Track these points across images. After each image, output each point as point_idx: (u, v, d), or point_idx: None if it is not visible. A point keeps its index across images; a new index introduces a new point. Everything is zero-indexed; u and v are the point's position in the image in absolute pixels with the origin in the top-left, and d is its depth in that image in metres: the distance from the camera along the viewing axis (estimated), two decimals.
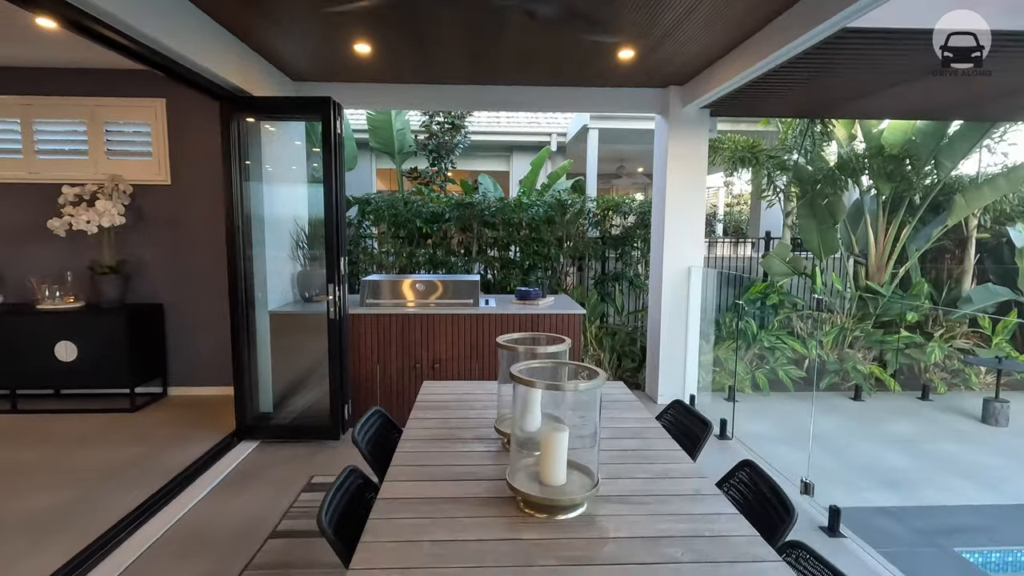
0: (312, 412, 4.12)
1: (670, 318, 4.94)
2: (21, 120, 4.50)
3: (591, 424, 1.65)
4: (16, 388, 4.32)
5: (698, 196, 4.81)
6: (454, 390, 2.71)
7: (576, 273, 6.69)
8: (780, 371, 5.44)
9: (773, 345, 5.54)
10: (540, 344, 2.04)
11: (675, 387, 4.99)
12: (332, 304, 3.73)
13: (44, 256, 4.54)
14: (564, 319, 4.22)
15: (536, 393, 1.76)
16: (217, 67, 3.30)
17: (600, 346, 5.69)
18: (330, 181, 3.65)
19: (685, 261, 4.87)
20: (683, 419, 2.56)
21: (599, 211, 6.23)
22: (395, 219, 5.97)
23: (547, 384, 1.53)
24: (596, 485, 1.58)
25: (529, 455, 1.72)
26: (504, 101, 4.73)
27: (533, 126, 8.40)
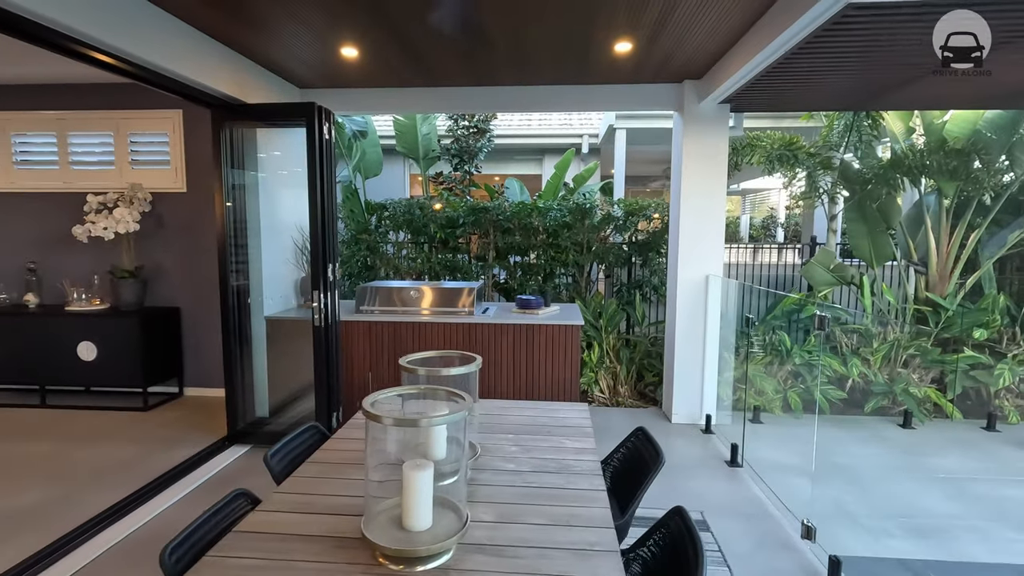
0: (306, 419, 4.11)
1: (686, 331, 4.58)
2: (57, 133, 4.82)
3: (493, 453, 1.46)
4: (45, 384, 4.61)
5: (717, 199, 4.43)
6: None
7: (603, 280, 6.41)
8: (816, 391, 4.92)
9: (809, 362, 5.02)
10: (453, 364, 1.87)
11: (691, 406, 4.62)
12: (318, 311, 3.70)
13: (75, 261, 4.83)
14: (559, 331, 3.98)
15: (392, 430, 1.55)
16: (208, 79, 3.40)
17: (617, 359, 5.38)
18: (315, 187, 3.62)
19: (702, 269, 4.50)
20: (642, 449, 2.29)
21: (624, 215, 5.92)
22: (411, 225, 5.94)
23: (395, 420, 1.35)
24: (462, 530, 1.38)
25: (391, 496, 1.52)
26: (508, 102, 4.55)
27: (565, 127, 8.16)
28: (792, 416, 4.86)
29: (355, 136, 6.34)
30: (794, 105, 4.47)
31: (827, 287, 5.58)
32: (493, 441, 2.11)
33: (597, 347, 5.35)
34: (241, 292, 3.97)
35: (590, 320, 5.44)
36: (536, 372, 4.02)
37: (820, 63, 3.33)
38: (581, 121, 8.25)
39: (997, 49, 2.75)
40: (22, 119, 4.83)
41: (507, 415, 2.40)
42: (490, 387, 4.06)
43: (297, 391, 4.34)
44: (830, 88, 3.95)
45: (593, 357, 5.29)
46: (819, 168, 5.51)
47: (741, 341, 5.27)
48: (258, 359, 4.18)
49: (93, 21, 2.57)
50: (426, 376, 1.76)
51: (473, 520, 1.51)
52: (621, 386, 5.27)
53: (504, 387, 4.05)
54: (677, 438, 4.30)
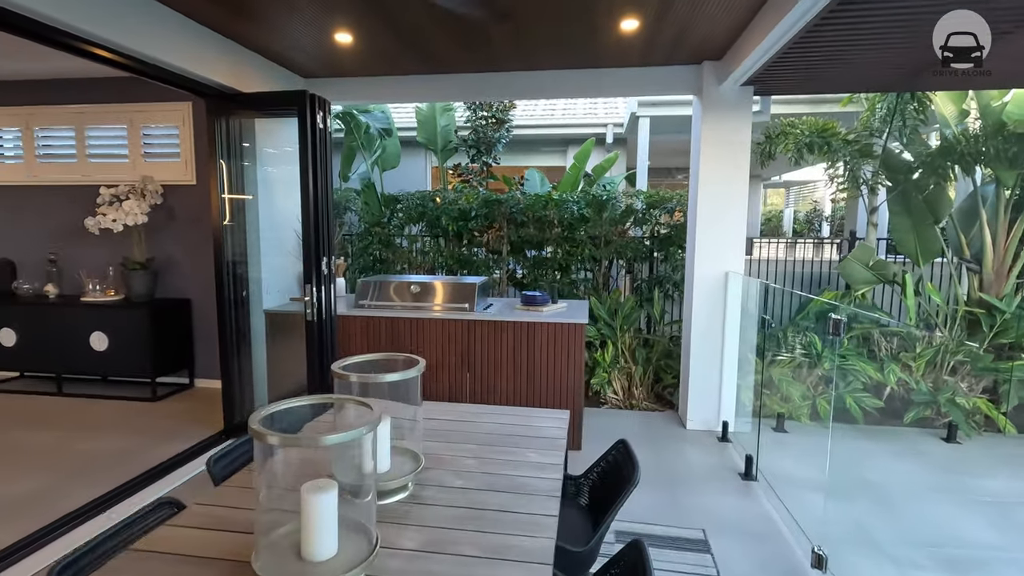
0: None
1: (703, 331, 4.28)
2: (76, 127, 4.91)
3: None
4: (61, 373, 4.72)
5: (738, 189, 4.10)
6: None
7: (625, 276, 6.13)
8: (849, 398, 4.53)
9: (842, 366, 4.63)
10: (396, 368, 1.70)
11: (708, 411, 4.32)
12: (310, 305, 3.61)
13: (93, 252, 4.92)
14: (562, 329, 3.77)
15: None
16: (205, 70, 3.39)
17: (633, 359, 5.11)
18: (308, 178, 3.52)
19: (721, 265, 4.18)
20: (622, 465, 2.07)
21: (644, 208, 5.62)
22: (423, 217, 5.82)
23: (282, 439, 1.19)
24: (369, 558, 1.21)
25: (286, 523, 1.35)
26: (513, 89, 4.34)
27: (589, 117, 7.86)
28: (820, 425, 4.49)
29: (380, 135, 6.25)
30: (827, 86, 4.08)
31: (865, 286, 5.14)
32: (452, 452, 1.93)
33: (612, 346, 5.10)
34: (240, 285, 3.93)
35: (605, 318, 5.19)
36: (537, 373, 3.82)
37: (855, 34, 2.98)
38: (607, 110, 7.92)
39: None
40: (45, 113, 4.95)
41: (478, 422, 2.22)
42: (488, 389, 3.89)
43: (297, 385, 4.28)
44: (868, 64, 3.56)
45: (607, 357, 5.04)
46: (858, 156, 5.06)
47: (768, 342, 4.92)
48: (257, 352, 4.14)
49: (88, 17, 2.62)
50: (359, 384, 1.60)
51: (394, 548, 1.35)
52: (636, 388, 5.00)
53: (503, 390, 3.87)
54: (690, 446, 4.02)
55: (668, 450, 3.91)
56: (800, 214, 15.18)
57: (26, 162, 5.01)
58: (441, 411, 2.31)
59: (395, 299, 4.08)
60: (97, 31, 2.67)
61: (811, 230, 13.37)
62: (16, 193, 5.07)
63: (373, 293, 4.13)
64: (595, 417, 4.57)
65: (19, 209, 5.07)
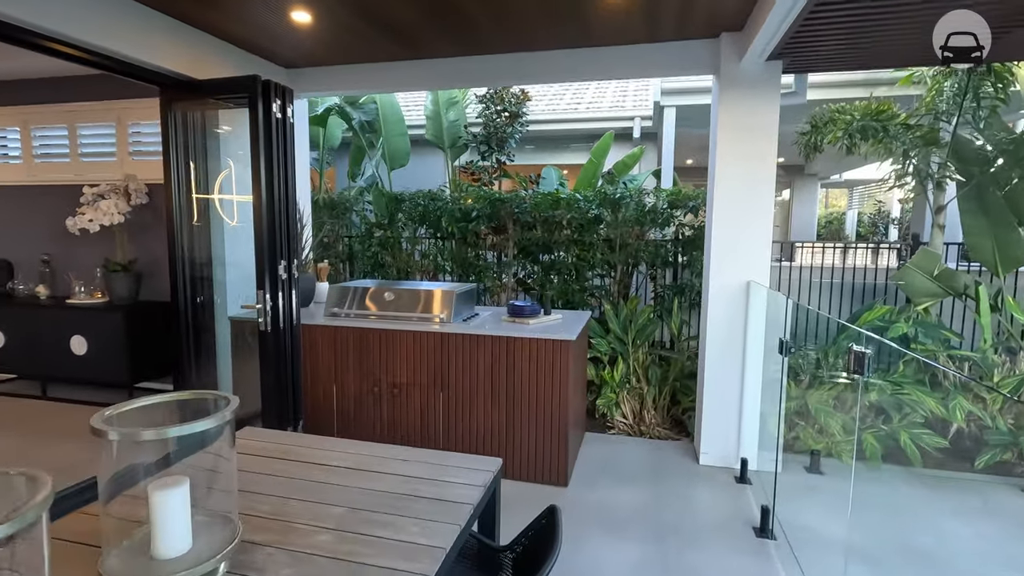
0: None
1: (721, 350, 3.66)
2: (68, 126, 4.82)
3: None
4: (46, 376, 4.62)
5: (763, 185, 3.46)
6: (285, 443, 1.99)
7: (646, 282, 5.52)
8: (904, 435, 3.76)
9: (896, 395, 3.86)
10: (205, 410, 1.26)
11: (726, 444, 3.69)
12: (263, 314, 3.27)
13: (85, 253, 4.82)
14: (545, 346, 3.25)
15: None
16: (160, 59, 3.15)
17: (647, 378, 4.51)
18: (259, 172, 3.17)
19: (742, 274, 3.55)
20: (546, 537, 1.56)
21: (666, 208, 5.01)
22: (424, 217, 5.43)
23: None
24: None
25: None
26: (504, 73, 3.86)
27: (616, 109, 7.24)
28: (866, 466, 3.75)
29: (361, 127, 5.92)
30: (878, 56, 3.36)
31: (929, 299, 4.33)
32: (308, 519, 1.47)
33: (622, 363, 4.52)
34: (201, 288, 3.64)
35: (616, 331, 4.62)
36: (516, 395, 3.33)
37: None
38: (635, 101, 7.28)
39: None
40: (41, 112, 4.89)
41: (372, 472, 1.75)
42: (463, 412, 3.43)
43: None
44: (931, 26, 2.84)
45: (616, 375, 4.47)
46: (920, 145, 4.25)
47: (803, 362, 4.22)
48: (222, 363, 3.84)
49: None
50: (120, 439, 1.17)
51: None
52: (648, 411, 4.40)
53: (478, 413, 3.40)
54: (700, 487, 3.41)
55: (672, 491, 3.32)
56: (865, 216, 13.84)
57: (24, 162, 4.97)
58: (336, 454, 1.87)
59: (369, 307, 3.69)
60: (38, 21, 2.48)
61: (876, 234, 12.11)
62: (16, 193, 5.04)
63: (347, 300, 3.76)
64: (597, 445, 4.01)
65: (19, 209, 5.04)
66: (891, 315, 4.17)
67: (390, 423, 3.57)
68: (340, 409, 3.65)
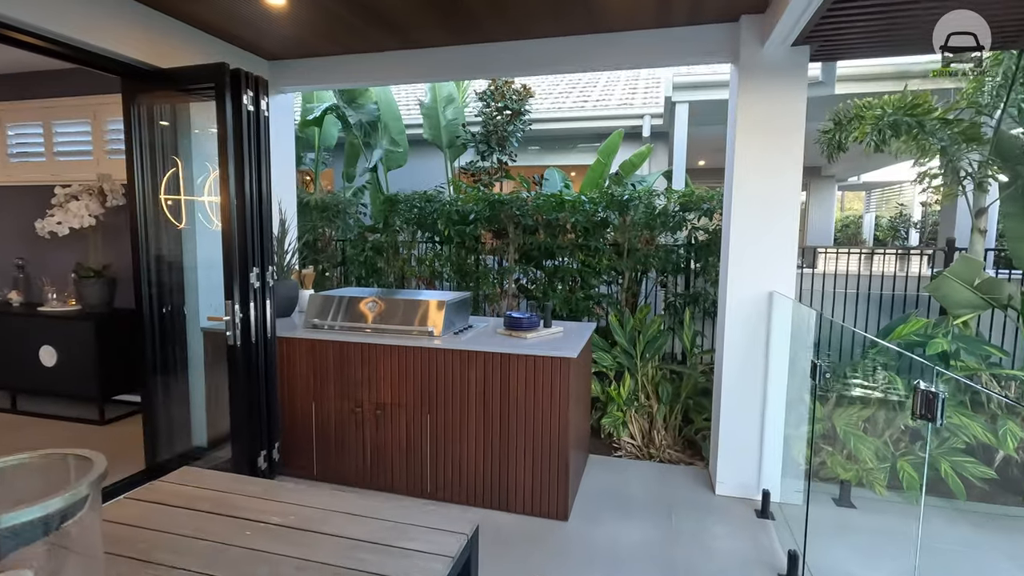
0: None
1: (739, 366, 3.30)
2: (43, 123, 4.57)
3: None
4: (15, 389, 4.35)
5: (788, 186, 3.11)
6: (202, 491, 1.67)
7: (656, 290, 5.17)
8: (944, 464, 3.38)
9: None
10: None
11: (745, 471, 3.33)
12: (232, 326, 2.96)
13: (60, 257, 4.55)
14: (542, 364, 2.92)
15: None
16: (122, 46, 2.87)
17: (657, 395, 4.16)
18: (227, 170, 2.87)
19: (763, 284, 3.20)
20: None
21: (677, 210, 4.66)
22: (419, 220, 5.12)
23: None
24: None
25: None
26: (501, 64, 3.53)
27: (625, 107, 6.89)
28: (902, 497, 3.37)
29: (358, 126, 5.62)
30: (918, 41, 2.99)
31: (969, 311, 3.94)
32: None
33: (630, 379, 4.18)
34: (170, 298, 3.35)
35: (623, 344, 4.27)
36: (512, 418, 2.99)
37: None
38: (645, 98, 6.92)
39: None
40: (14, 109, 4.64)
41: (318, 535, 1.43)
42: (453, 437, 3.10)
43: None
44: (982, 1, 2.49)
45: (623, 392, 4.12)
46: (960, 141, 3.87)
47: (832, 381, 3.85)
48: (195, 378, 3.55)
49: None
50: None
51: None
52: (658, 432, 4.05)
53: (470, 438, 3.07)
54: (716, 522, 3.05)
55: (684, 527, 2.97)
56: (883, 220, 13.36)
57: (0, 161, 4.72)
58: (277, 506, 1.54)
59: (352, 319, 3.37)
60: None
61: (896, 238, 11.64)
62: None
63: (328, 310, 3.44)
64: (601, 469, 3.67)
65: None
66: (927, 329, 3.79)
67: (374, 448, 3.25)
68: (320, 433, 3.33)
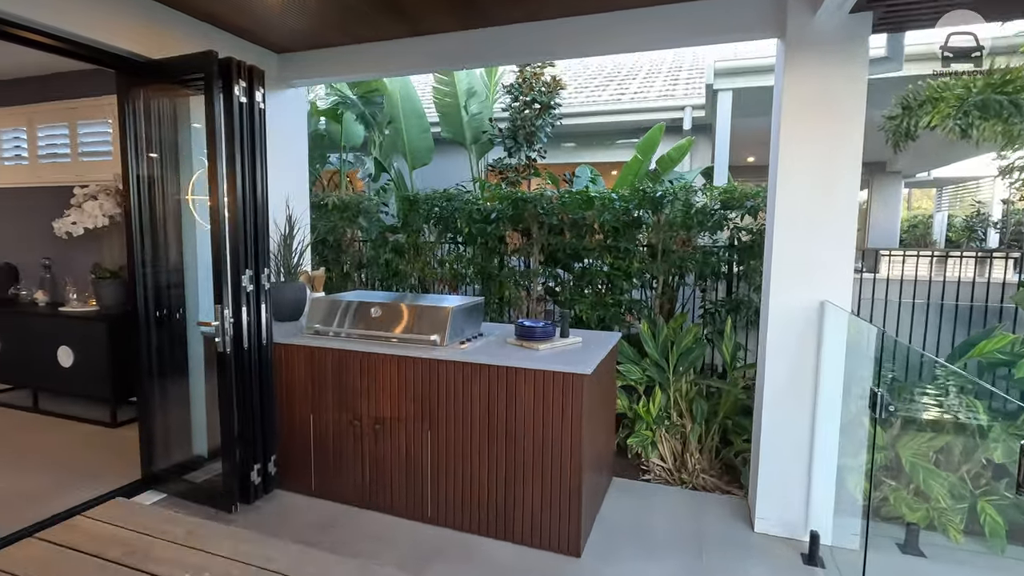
0: None
1: (783, 385, 2.88)
2: (68, 124, 4.59)
3: None
4: (37, 388, 4.38)
5: (844, 177, 2.67)
6: None
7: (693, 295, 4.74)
8: None
9: None
10: None
11: (790, 506, 2.90)
12: (221, 332, 2.78)
13: (80, 257, 4.56)
14: (552, 380, 2.59)
15: None
16: (117, 39, 2.75)
17: (691, 413, 3.76)
18: (217, 167, 2.69)
19: (814, 292, 2.76)
20: None
21: (717, 208, 4.22)
22: (440, 220, 4.88)
23: None
24: None
25: None
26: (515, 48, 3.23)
27: (666, 99, 6.41)
28: (984, 546, 2.85)
29: (363, 119, 5.41)
30: (1007, 5, 2.50)
31: None
32: None
33: (661, 394, 3.79)
34: (166, 300, 3.22)
35: (654, 355, 3.88)
36: (518, 438, 2.68)
37: None
38: (687, 89, 6.43)
39: None
40: (43, 111, 4.69)
41: None
42: (454, 456, 2.82)
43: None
44: None
45: (653, 408, 3.74)
46: None
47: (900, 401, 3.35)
48: (195, 383, 3.41)
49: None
50: None
51: None
52: (692, 454, 3.64)
53: (472, 458, 2.78)
54: (753, 566, 2.64)
55: (713, 570, 2.58)
56: (956, 219, 12.21)
57: (30, 163, 4.79)
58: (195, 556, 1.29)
59: (353, 324, 3.14)
60: None
61: (972, 239, 10.58)
62: (23, 195, 4.87)
63: (331, 315, 3.23)
64: (626, 495, 3.31)
65: (24, 212, 4.86)
66: (1014, 346, 3.23)
67: (373, 465, 3.00)
68: (319, 446, 3.12)
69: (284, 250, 3.64)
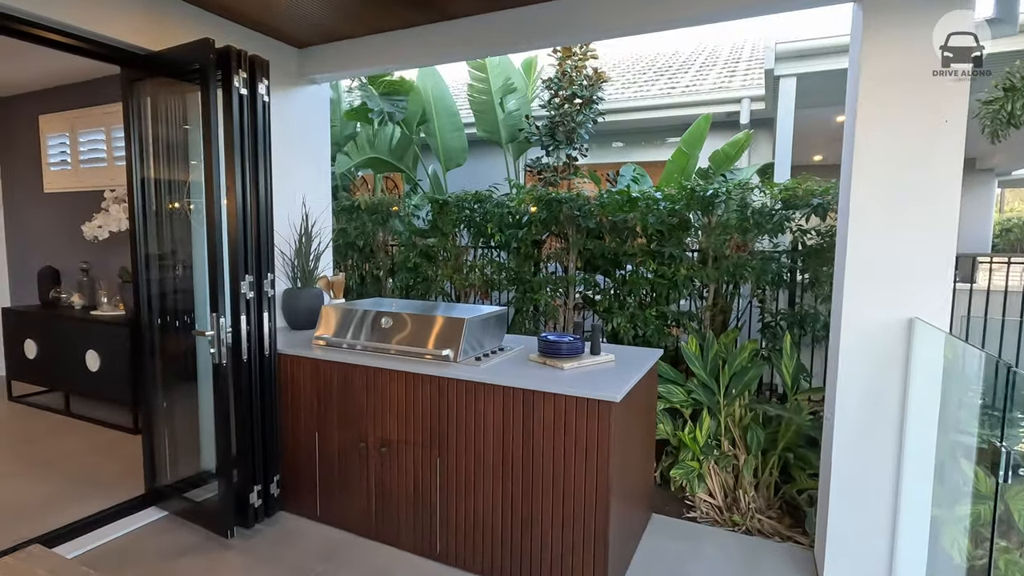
0: None
1: (861, 415, 2.39)
2: (104, 128, 4.61)
3: None
4: (69, 391, 4.39)
5: (939, 169, 2.17)
6: None
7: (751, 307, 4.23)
8: None
9: None
10: None
11: (869, 561, 2.40)
12: (217, 342, 2.57)
13: (112, 261, 4.56)
14: (577, 407, 2.22)
15: None
16: (120, 32, 2.61)
17: (744, 442, 3.28)
18: (212, 164, 2.49)
19: (900, 308, 2.27)
20: None
21: (779, 207, 3.72)
22: (470, 223, 4.59)
23: None
24: None
25: None
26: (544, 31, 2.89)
27: (720, 90, 5.87)
28: None
29: (380, 118, 5.19)
30: None
31: None
32: None
33: (708, 419, 3.33)
34: (172, 306, 3.07)
35: (701, 376, 3.43)
36: (536, 471, 2.33)
37: None
38: (744, 80, 5.86)
39: None
40: (83, 116, 4.74)
41: None
42: (464, 486, 2.49)
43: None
44: None
45: (700, 436, 3.29)
46: None
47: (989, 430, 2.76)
48: (204, 394, 3.24)
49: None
50: None
51: None
52: (745, 491, 3.16)
53: (483, 495, 2.44)
54: None
55: None
56: None
57: (72, 167, 4.86)
58: None
59: (365, 335, 2.88)
60: None
61: None
62: (65, 200, 4.95)
63: (338, 325, 2.99)
64: (666, 534, 2.88)
65: (66, 215, 4.93)
66: None
67: (380, 491, 2.72)
68: (324, 467, 2.87)
69: (301, 253, 3.44)
